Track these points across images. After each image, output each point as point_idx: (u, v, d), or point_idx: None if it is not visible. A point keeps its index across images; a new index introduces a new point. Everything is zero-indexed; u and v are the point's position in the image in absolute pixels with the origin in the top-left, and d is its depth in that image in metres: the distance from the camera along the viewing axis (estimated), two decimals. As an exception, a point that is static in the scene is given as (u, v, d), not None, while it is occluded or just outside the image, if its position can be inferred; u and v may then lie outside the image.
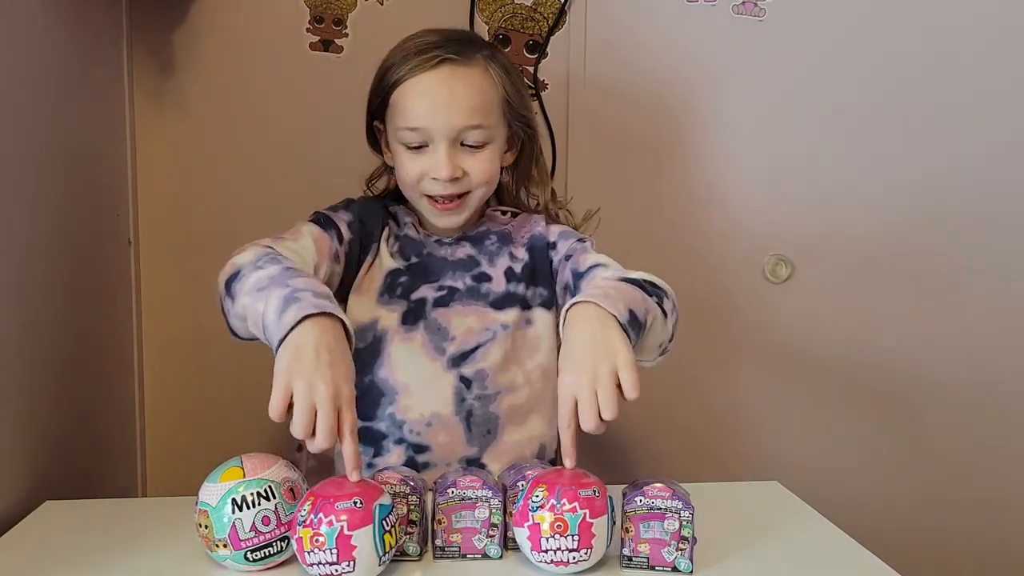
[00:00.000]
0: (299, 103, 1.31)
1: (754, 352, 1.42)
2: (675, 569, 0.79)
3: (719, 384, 1.42)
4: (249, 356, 1.21)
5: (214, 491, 0.77)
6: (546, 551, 0.76)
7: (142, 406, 1.33)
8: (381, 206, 1.09)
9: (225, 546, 0.77)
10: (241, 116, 1.31)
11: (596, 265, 1.01)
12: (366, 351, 1.03)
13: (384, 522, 0.74)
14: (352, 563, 0.73)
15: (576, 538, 0.76)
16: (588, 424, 0.78)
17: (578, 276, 1.02)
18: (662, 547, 0.79)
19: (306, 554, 0.73)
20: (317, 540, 0.73)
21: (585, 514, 0.76)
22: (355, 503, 0.73)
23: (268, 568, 0.79)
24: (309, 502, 0.74)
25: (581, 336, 0.83)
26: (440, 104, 0.98)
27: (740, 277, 1.40)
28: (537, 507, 0.76)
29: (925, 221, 1.41)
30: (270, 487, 0.78)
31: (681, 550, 0.79)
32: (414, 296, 1.04)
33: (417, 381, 1.01)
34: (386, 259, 1.05)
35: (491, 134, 1.01)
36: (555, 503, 0.76)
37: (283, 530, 0.78)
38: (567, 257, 1.05)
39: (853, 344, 1.42)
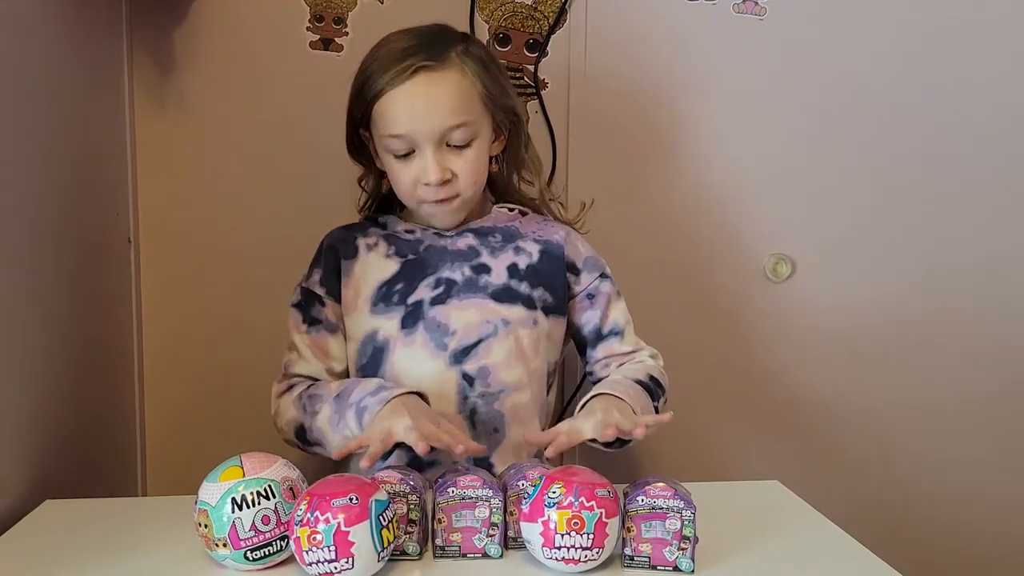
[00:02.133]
0: (299, 102, 1.31)
1: (755, 351, 1.42)
2: (676, 569, 0.79)
3: (719, 383, 1.41)
4: (249, 356, 1.21)
5: (214, 490, 0.77)
6: (559, 548, 0.76)
7: (142, 406, 1.33)
8: (354, 228, 1.10)
9: (225, 545, 0.77)
10: (241, 115, 1.31)
11: (615, 333, 1.10)
12: (369, 364, 1.04)
13: (381, 517, 0.74)
14: (351, 559, 0.73)
15: (591, 536, 0.76)
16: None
17: (598, 335, 1.10)
18: (664, 547, 0.79)
19: (304, 553, 0.73)
20: (315, 538, 0.72)
21: (602, 513, 0.76)
22: (351, 499, 0.73)
23: (268, 567, 0.79)
24: (305, 501, 0.74)
25: (595, 403, 0.96)
26: (420, 112, 0.99)
27: (740, 276, 1.40)
28: (554, 503, 0.76)
29: (926, 219, 1.41)
30: (270, 486, 0.78)
31: (683, 549, 0.79)
32: (411, 300, 1.04)
33: (421, 381, 1.01)
34: (374, 269, 1.06)
35: (475, 130, 1.02)
36: (573, 500, 0.76)
37: (282, 529, 0.78)
38: (590, 296, 1.09)
39: (854, 343, 1.42)
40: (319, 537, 0.72)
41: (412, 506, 0.81)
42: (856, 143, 1.39)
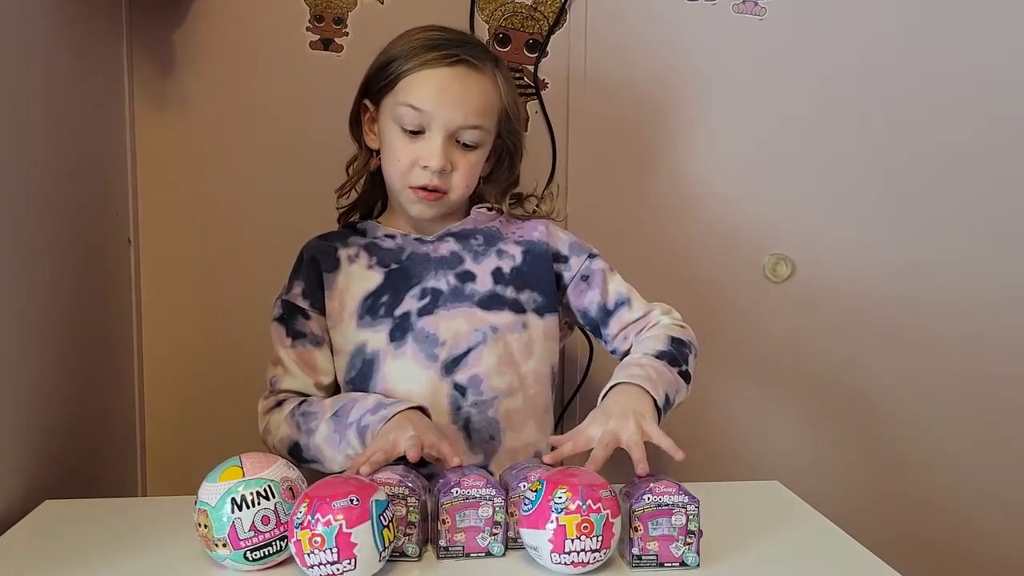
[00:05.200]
0: (299, 102, 1.31)
1: (755, 351, 1.42)
2: (683, 564, 0.79)
3: (719, 383, 1.41)
4: (249, 356, 1.21)
5: (213, 491, 0.77)
6: (569, 552, 0.76)
7: (142, 406, 1.33)
8: (332, 237, 1.10)
9: (224, 545, 0.77)
10: (241, 116, 1.31)
11: (621, 303, 1.08)
12: (358, 378, 1.03)
13: (382, 517, 0.74)
14: (353, 561, 0.73)
15: (600, 538, 0.76)
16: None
17: (605, 312, 1.08)
18: (670, 543, 0.79)
19: (305, 556, 0.73)
20: (316, 541, 0.72)
21: (608, 514, 0.77)
22: (351, 500, 0.73)
23: (268, 568, 0.79)
24: (305, 504, 0.74)
25: (615, 401, 0.93)
26: (450, 98, 1.00)
27: (740, 276, 1.40)
28: (562, 508, 0.76)
29: (926, 219, 1.42)
30: (269, 487, 0.78)
31: (688, 544, 0.79)
32: (398, 311, 1.04)
33: (414, 393, 1.01)
34: (357, 280, 1.06)
35: (484, 138, 1.04)
36: (580, 504, 0.76)
37: (282, 530, 0.78)
38: (584, 278, 1.09)
39: (854, 343, 1.42)
40: (320, 539, 0.72)
41: (411, 508, 0.81)
42: (856, 143, 1.39)
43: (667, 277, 1.39)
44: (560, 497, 0.76)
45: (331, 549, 0.72)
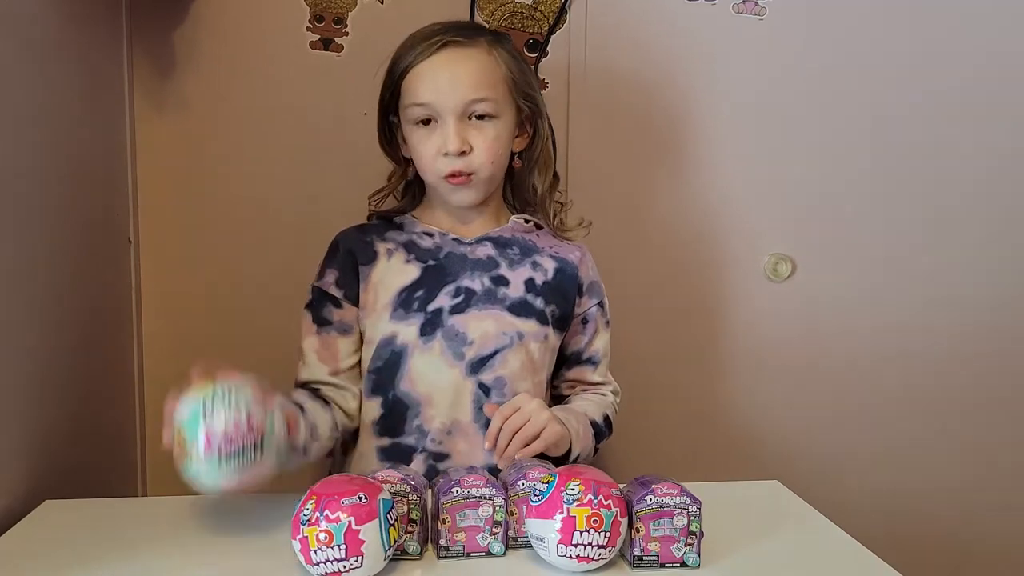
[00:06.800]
0: (299, 102, 1.31)
1: (755, 351, 1.42)
2: (683, 564, 0.80)
3: (719, 383, 1.42)
4: (249, 357, 1.21)
5: (185, 405, 0.79)
6: (576, 545, 0.76)
7: (142, 406, 1.33)
8: (368, 229, 1.10)
9: (198, 457, 0.77)
10: (241, 115, 1.31)
11: (593, 361, 1.13)
12: (385, 368, 1.04)
13: (388, 516, 0.75)
14: (360, 558, 0.73)
15: (607, 534, 0.77)
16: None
17: (577, 359, 1.13)
18: (671, 544, 0.80)
19: (312, 553, 0.73)
20: (323, 537, 0.72)
21: (617, 512, 0.77)
22: (360, 498, 0.73)
23: (245, 479, 0.79)
24: (312, 501, 0.74)
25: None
26: (443, 83, 1.00)
27: (741, 276, 1.40)
28: (574, 500, 0.76)
29: (926, 218, 1.42)
30: (239, 393, 0.79)
31: (689, 545, 0.80)
32: (431, 307, 1.04)
33: (438, 390, 1.02)
34: (394, 274, 1.06)
35: (497, 108, 1.03)
36: (592, 497, 0.76)
37: (255, 437, 0.78)
38: (584, 321, 1.12)
39: (854, 343, 1.42)
40: (329, 536, 0.72)
41: (412, 506, 0.81)
42: (856, 143, 1.39)
43: (667, 278, 1.39)
44: (573, 489, 0.77)
45: (339, 546, 0.72)
